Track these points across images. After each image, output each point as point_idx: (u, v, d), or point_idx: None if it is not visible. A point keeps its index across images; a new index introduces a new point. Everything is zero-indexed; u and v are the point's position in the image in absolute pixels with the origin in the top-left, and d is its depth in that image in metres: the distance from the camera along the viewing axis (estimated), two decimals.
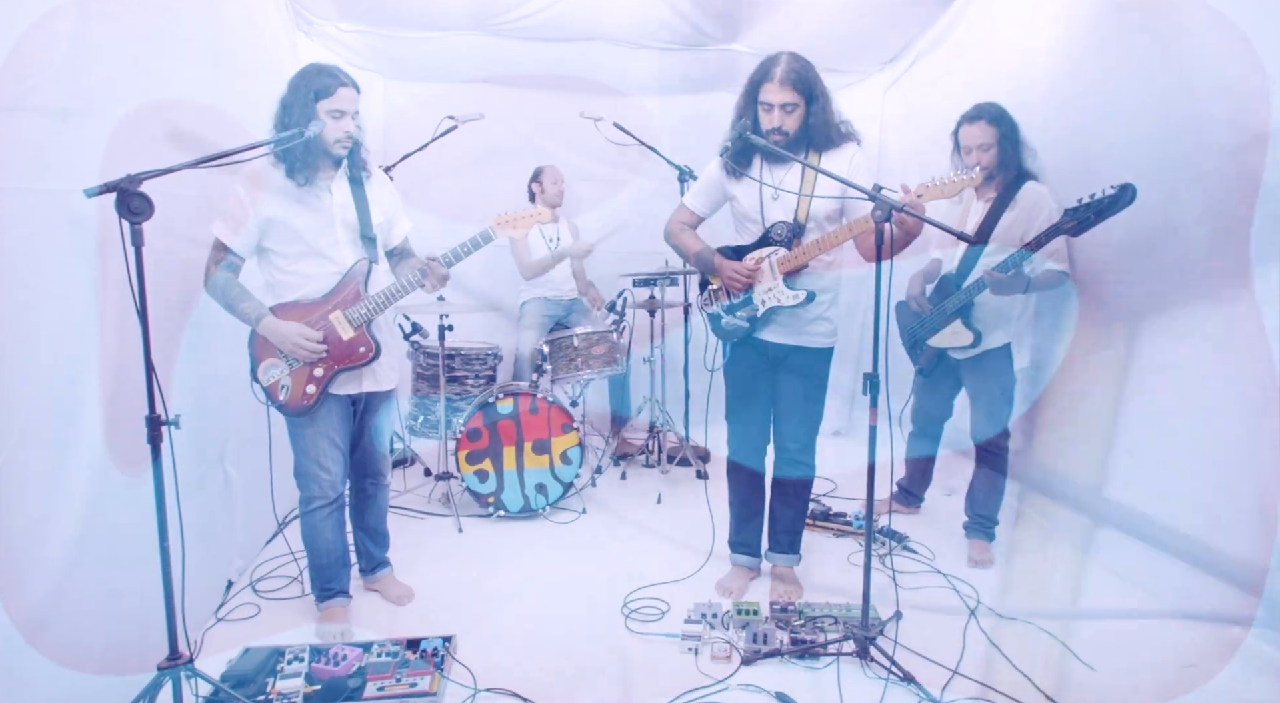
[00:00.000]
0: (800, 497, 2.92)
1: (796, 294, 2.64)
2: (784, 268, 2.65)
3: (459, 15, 3.98)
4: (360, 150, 2.54)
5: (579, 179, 4.95)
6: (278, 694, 2.20)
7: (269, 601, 2.84)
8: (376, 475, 2.82)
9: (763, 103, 2.55)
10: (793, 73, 2.49)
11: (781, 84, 2.49)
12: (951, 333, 3.11)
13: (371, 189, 2.60)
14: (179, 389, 2.35)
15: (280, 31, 3.44)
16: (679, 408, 4.63)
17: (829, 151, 2.60)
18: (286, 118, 2.37)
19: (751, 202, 2.70)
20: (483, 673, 2.35)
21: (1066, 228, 2.64)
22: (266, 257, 2.48)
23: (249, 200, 2.38)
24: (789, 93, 2.50)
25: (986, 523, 3.22)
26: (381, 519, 2.90)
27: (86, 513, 1.97)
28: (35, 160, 1.85)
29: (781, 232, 2.65)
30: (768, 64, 2.54)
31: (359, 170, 2.56)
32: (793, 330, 2.73)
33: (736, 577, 2.98)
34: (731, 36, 4.23)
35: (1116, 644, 2.49)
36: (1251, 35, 2.34)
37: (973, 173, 2.33)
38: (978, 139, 2.96)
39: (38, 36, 1.83)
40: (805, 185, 2.60)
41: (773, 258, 2.67)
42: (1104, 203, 2.54)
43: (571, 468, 3.69)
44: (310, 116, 2.34)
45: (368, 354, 2.51)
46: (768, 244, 2.69)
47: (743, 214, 2.75)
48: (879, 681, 2.28)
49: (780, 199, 2.64)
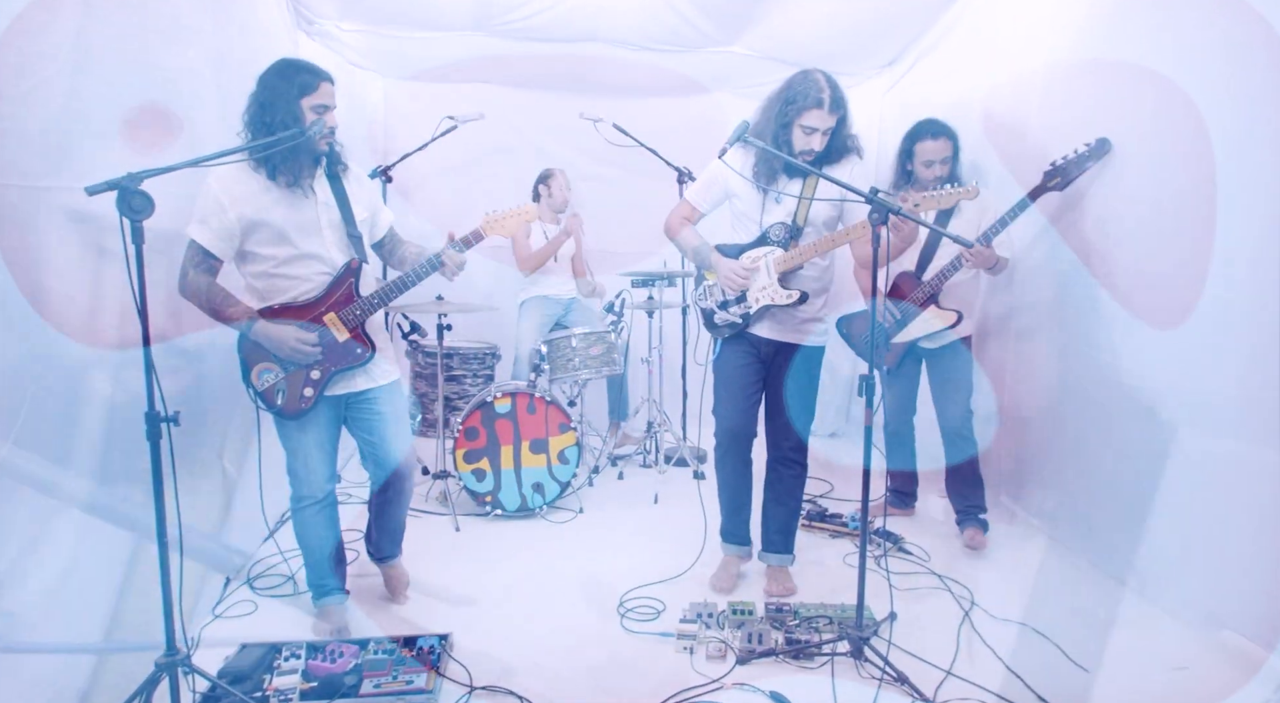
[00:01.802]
0: (794, 495, 2.94)
1: (790, 293, 2.69)
2: (780, 268, 2.69)
3: (460, 15, 3.99)
4: (337, 145, 2.47)
5: (579, 180, 4.95)
6: (274, 691, 2.21)
7: (266, 598, 2.85)
8: (400, 476, 2.67)
9: (804, 126, 2.56)
10: (838, 100, 2.54)
11: (831, 111, 2.53)
12: (925, 321, 3.21)
13: (350, 185, 2.52)
14: (178, 386, 2.36)
15: (281, 31, 3.46)
16: (676, 408, 4.64)
17: (831, 164, 2.65)
18: (268, 117, 2.28)
19: (753, 201, 2.73)
20: (479, 671, 2.36)
21: (1052, 185, 2.96)
22: (250, 260, 2.39)
23: (227, 203, 2.28)
24: (834, 119, 2.55)
25: (977, 511, 3.29)
26: (402, 520, 2.83)
27: (85, 511, 1.98)
28: (37, 158, 1.86)
29: (779, 233, 2.69)
30: (813, 89, 2.53)
31: (336, 165, 2.48)
32: (786, 328, 2.78)
33: (727, 567, 3.00)
34: (732, 38, 4.25)
35: (1109, 645, 2.50)
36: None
37: (970, 185, 2.53)
38: (940, 153, 3.19)
39: (40, 34, 1.84)
40: (806, 190, 2.65)
41: (769, 258, 2.70)
42: (1084, 155, 2.90)
43: (569, 468, 3.70)
44: (295, 115, 2.27)
45: (364, 354, 2.48)
46: (765, 244, 2.72)
47: (742, 212, 2.79)
48: (873, 681, 2.29)
49: (781, 201, 2.69)
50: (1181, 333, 2.63)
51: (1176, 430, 2.66)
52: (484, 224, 2.58)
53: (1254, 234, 2.36)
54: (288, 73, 2.32)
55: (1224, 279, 2.47)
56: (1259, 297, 2.34)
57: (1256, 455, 2.36)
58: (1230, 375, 2.46)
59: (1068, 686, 2.28)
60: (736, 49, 4.30)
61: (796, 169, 2.60)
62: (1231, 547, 2.47)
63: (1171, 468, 2.70)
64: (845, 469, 4.21)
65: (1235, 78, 2.44)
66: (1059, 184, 2.96)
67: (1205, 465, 2.56)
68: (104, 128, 2.08)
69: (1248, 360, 2.38)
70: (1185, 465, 2.64)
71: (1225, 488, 2.50)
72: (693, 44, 4.25)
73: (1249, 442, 2.40)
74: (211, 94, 2.62)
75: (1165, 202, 2.70)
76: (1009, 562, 3.17)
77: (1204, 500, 2.57)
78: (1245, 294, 2.40)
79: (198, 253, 2.30)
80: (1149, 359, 2.79)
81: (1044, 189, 2.99)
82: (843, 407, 5.16)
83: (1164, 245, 2.72)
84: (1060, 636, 2.53)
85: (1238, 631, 2.40)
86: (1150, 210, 2.77)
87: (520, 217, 2.61)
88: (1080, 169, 2.92)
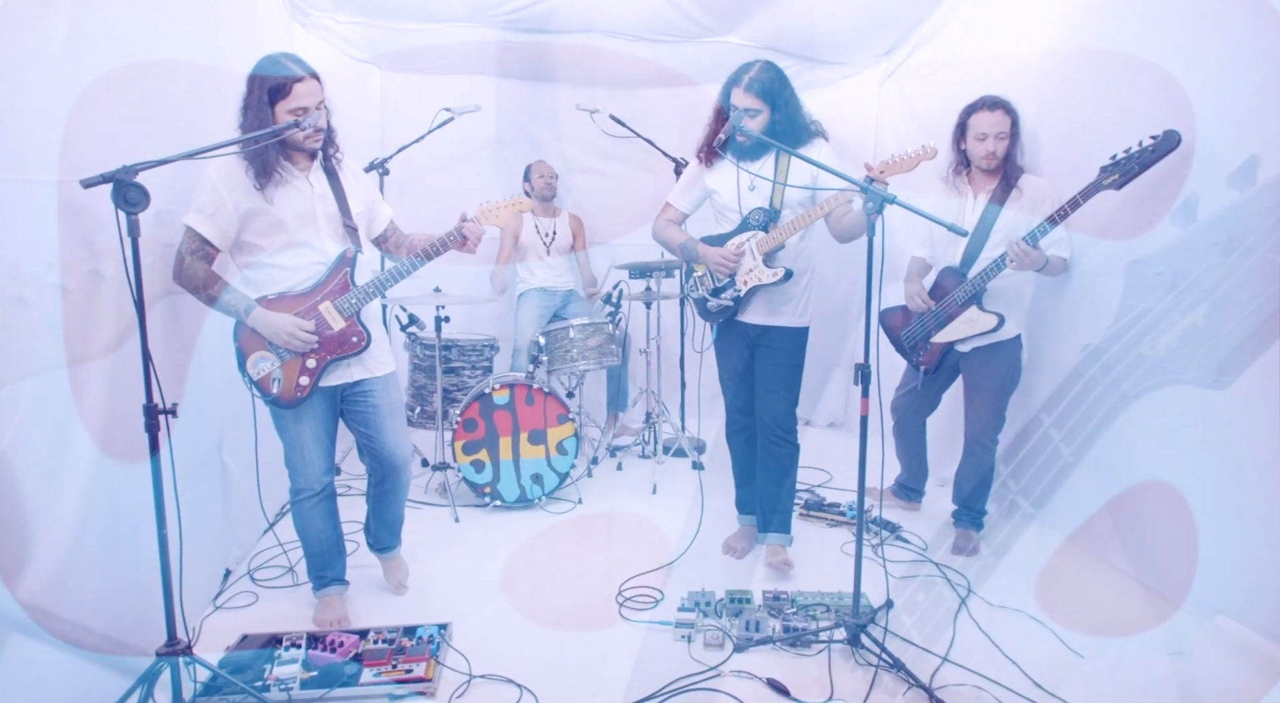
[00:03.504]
0: (787, 474, 2.98)
1: (776, 272, 2.83)
2: (763, 249, 2.83)
3: (456, 7, 3.98)
4: (334, 138, 2.48)
5: (575, 171, 4.96)
6: (275, 681, 2.22)
7: (266, 589, 2.87)
8: (395, 469, 2.69)
9: (734, 105, 2.72)
10: (756, 81, 2.69)
11: (747, 89, 2.68)
12: (966, 322, 3.07)
13: (346, 179, 2.54)
14: (176, 377, 2.37)
15: (277, 23, 3.45)
16: (675, 399, 4.66)
17: (798, 147, 2.72)
18: (244, 122, 2.29)
19: (730, 193, 2.87)
20: (478, 660, 2.38)
21: (1107, 183, 2.63)
22: (245, 249, 2.41)
23: (225, 192, 2.30)
24: (752, 99, 2.68)
25: (975, 514, 3.24)
26: (399, 512, 2.84)
27: (85, 501, 1.99)
28: (32, 151, 1.86)
29: (759, 217, 2.84)
30: (739, 71, 2.74)
31: (330, 160, 2.50)
32: (770, 310, 2.91)
33: (741, 537, 3.20)
34: (728, 29, 4.23)
35: (1104, 631, 2.52)
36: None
37: (928, 146, 2.53)
38: (996, 127, 2.97)
39: (31, 26, 1.84)
40: (779, 174, 2.79)
41: (751, 241, 2.84)
42: (1147, 152, 2.54)
43: (567, 459, 3.71)
44: (266, 122, 2.26)
45: (360, 343, 2.50)
46: (746, 229, 2.85)
47: (722, 205, 2.93)
48: (869, 668, 2.31)
49: (756, 189, 2.82)
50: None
51: (1175, 418, 2.67)
52: (479, 213, 2.60)
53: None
54: (260, 79, 2.28)
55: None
56: (1250, 285, 2.33)
57: (1256, 442, 2.37)
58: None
59: (1063, 672, 2.30)
60: (733, 40, 4.28)
61: (765, 149, 2.78)
62: (1228, 533, 2.48)
63: (1169, 455, 2.71)
64: (843, 461, 4.22)
65: (1232, 65, 2.44)
66: (1116, 182, 2.60)
67: (1203, 452, 2.58)
68: (97, 120, 2.08)
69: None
70: (1182, 452, 2.66)
71: (1223, 474, 2.50)
72: (689, 35, 4.23)
73: (1248, 427, 2.40)
74: (206, 86, 2.61)
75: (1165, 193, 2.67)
76: (1005, 550, 3.18)
77: (1201, 486, 2.58)
78: (1237, 282, 2.40)
79: (195, 240, 2.31)
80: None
81: (1099, 187, 2.65)
82: (840, 396, 5.16)
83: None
84: (1056, 622, 2.55)
85: (1234, 616, 2.42)
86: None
87: (514, 207, 2.63)
88: (1143, 165, 2.56)
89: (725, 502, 3.30)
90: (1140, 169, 2.57)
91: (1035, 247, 2.81)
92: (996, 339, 3.08)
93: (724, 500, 3.32)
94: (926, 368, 3.29)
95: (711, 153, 2.89)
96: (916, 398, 3.42)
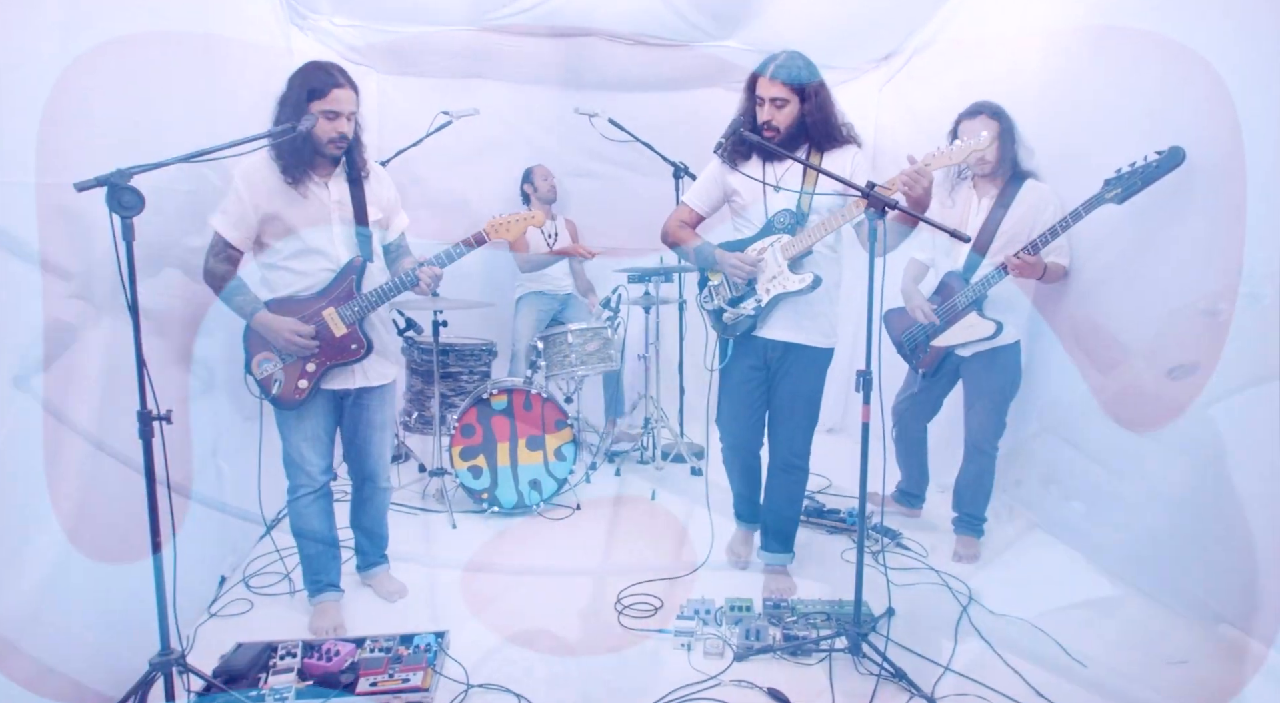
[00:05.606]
0: (795, 499, 2.94)
1: (803, 278, 2.63)
2: (789, 253, 2.64)
3: (454, 10, 3.96)
4: (359, 150, 2.54)
5: (573, 175, 4.94)
6: (270, 689, 2.20)
7: (261, 596, 2.84)
8: (372, 478, 2.77)
9: (758, 97, 2.59)
10: (783, 67, 2.53)
11: (773, 77, 2.54)
12: (965, 327, 3.07)
13: (370, 187, 2.59)
14: (171, 384, 2.34)
15: (274, 25, 3.42)
16: (673, 404, 4.63)
17: (830, 152, 2.63)
18: (281, 115, 2.38)
19: (754, 194, 2.70)
20: (475, 669, 2.36)
21: (1109, 197, 2.63)
22: (262, 252, 2.49)
23: (248, 195, 2.38)
24: (779, 88, 2.53)
25: (974, 521, 3.23)
26: (378, 522, 2.88)
27: (77, 509, 1.96)
28: (25, 154, 1.84)
29: (784, 219, 2.66)
30: (764, 61, 2.58)
31: (358, 170, 2.55)
32: (794, 324, 2.72)
33: (742, 541, 3.14)
34: (727, 33, 4.22)
35: (1107, 640, 2.50)
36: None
37: (979, 138, 2.37)
38: (978, 132, 2.92)
39: (23, 29, 1.82)
40: (808, 184, 2.63)
41: (776, 244, 2.67)
42: (1151, 167, 2.54)
43: (566, 464, 3.68)
44: (303, 115, 2.34)
45: (359, 351, 2.53)
46: (770, 233, 2.69)
47: (743, 207, 2.75)
48: (871, 677, 2.29)
49: (781, 194, 2.66)
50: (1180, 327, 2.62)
51: (1176, 424, 2.66)
52: (488, 228, 2.60)
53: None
54: (307, 73, 2.39)
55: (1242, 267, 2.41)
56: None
57: (1257, 448, 2.36)
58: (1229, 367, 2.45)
59: (1066, 681, 2.28)
60: (732, 44, 4.27)
61: (773, 153, 2.60)
62: (1230, 540, 2.47)
63: (1170, 463, 2.69)
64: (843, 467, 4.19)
65: (1234, 73, 2.43)
66: (1118, 196, 2.61)
67: (1204, 460, 2.56)
68: (92, 123, 2.06)
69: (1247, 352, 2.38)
70: (1184, 460, 2.64)
71: (1225, 481, 2.48)
72: (688, 39, 4.23)
73: (1247, 434, 2.39)
74: (202, 89, 2.60)
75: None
76: (1006, 558, 3.16)
77: (1203, 493, 2.56)
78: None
79: (219, 242, 2.41)
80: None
81: (1100, 200, 2.65)
82: (840, 402, 5.14)
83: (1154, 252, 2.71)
84: (1058, 631, 2.53)
85: (1235, 625, 2.40)
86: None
87: (525, 222, 2.63)
88: (1146, 181, 2.56)
89: (724, 501, 3.24)
90: (1143, 184, 2.57)
91: (1036, 255, 2.83)
92: (996, 344, 3.08)
93: (723, 499, 3.26)
94: (925, 370, 3.30)
95: (735, 150, 2.69)
96: (917, 401, 3.41)
